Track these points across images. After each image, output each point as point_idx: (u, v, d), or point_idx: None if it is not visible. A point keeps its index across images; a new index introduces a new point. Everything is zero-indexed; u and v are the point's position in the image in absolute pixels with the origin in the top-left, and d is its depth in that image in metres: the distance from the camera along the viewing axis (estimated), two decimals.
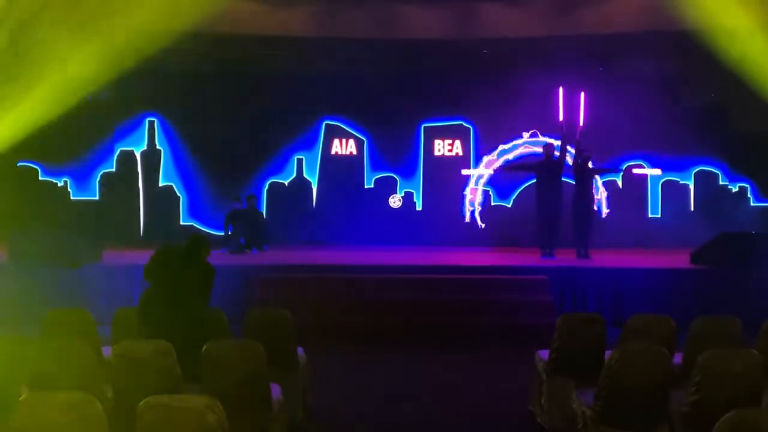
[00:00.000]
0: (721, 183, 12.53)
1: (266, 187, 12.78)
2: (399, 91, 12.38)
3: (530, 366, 5.64)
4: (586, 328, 4.95)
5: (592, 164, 10.25)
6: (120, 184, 12.64)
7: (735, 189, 12.50)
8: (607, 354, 4.78)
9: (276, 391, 4.33)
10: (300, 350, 5.46)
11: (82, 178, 12.65)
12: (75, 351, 3.97)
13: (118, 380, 3.91)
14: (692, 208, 12.48)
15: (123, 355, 3.88)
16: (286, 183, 12.87)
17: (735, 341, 4.87)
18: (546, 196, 10.05)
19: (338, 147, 12.82)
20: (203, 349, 3.98)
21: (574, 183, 10.17)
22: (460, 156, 12.73)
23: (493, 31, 12.47)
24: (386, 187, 12.74)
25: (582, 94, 10.85)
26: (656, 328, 4.97)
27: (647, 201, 12.61)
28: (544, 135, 11.93)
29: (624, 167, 12.22)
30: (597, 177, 10.66)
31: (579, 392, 4.42)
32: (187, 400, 2.81)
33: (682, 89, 12.60)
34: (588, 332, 4.94)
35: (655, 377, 3.92)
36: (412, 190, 12.79)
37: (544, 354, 5.27)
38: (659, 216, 12.54)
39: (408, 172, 12.81)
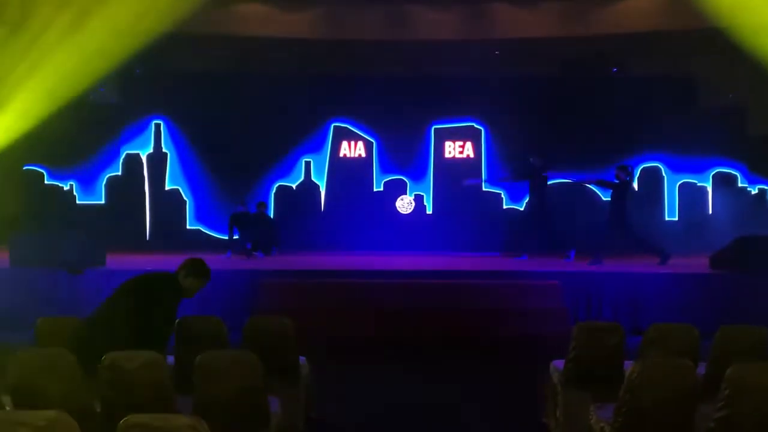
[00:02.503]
0: (740, 185, 12.20)
1: (274, 191, 12.59)
2: (409, 93, 12.16)
3: (543, 376, 5.39)
4: (603, 337, 4.68)
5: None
6: (126, 187, 12.49)
7: (754, 191, 12.18)
8: (627, 365, 4.54)
9: (274, 404, 4.09)
10: (303, 360, 5.24)
11: (88, 182, 12.52)
12: (62, 362, 3.75)
13: (105, 394, 3.69)
14: (710, 211, 12.16)
15: (111, 366, 3.66)
16: (293, 186, 12.67)
17: (763, 352, 4.58)
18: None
19: (347, 149, 12.62)
20: (196, 359, 3.75)
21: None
22: (472, 158, 12.48)
23: (504, 31, 12.26)
24: (396, 190, 12.52)
25: None
26: (678, 338, 4.69)
27: (664, 204, 12.29)
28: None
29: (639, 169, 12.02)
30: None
31: (597, 407, 4.15)
32: (170, 419, 2.59)
33: (700, 90, 12.28)
34: (606, 342, 4.67)
35: (680, 392, 3.65)
36: (422, 193, 12.56)
37: (559, 364, 5.01)
38: (676, 219, 12.23)
39: (418, 175, 12.57)
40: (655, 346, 4.63)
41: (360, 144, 12.58)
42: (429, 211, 12.51)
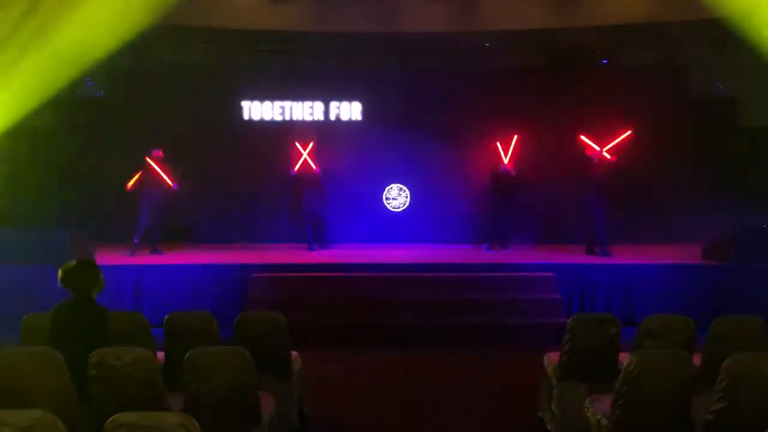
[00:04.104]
0: None
1: None
2: (399, 85, 12.04)
3: (537, 368, 5.35)
4: (599, 329, 4.65)
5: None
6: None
7: None
8: (623, 357, 4.51)
9: (266, 400, 4.03)
10: (295, 354, 5.17)
11: None
12: (48, 360, 3.66)
13: (94, 392, 3.61)
14: None
15: (99, 363, 3.58)
16: None
17: (758, 342, 4.55)
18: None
19: None
20: (185, 356, 3.68)
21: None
22: None
23: (494, 23, 12.19)
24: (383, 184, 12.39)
25: None
26: (674, 329, 4.65)
27: None
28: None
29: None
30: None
31: (593, 399, 4.11)
32: (159, 417, 2.52)
33: (691, 81, 12.23)
34: (601, 334, 4.63)
35: (678, 383, 3.62)
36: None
37: (554, 357, 4.97)
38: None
39: None
40: (651, 338, 4.59)
41: None
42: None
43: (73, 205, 11.19)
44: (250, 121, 12.03)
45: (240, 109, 11.99)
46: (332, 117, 11.97)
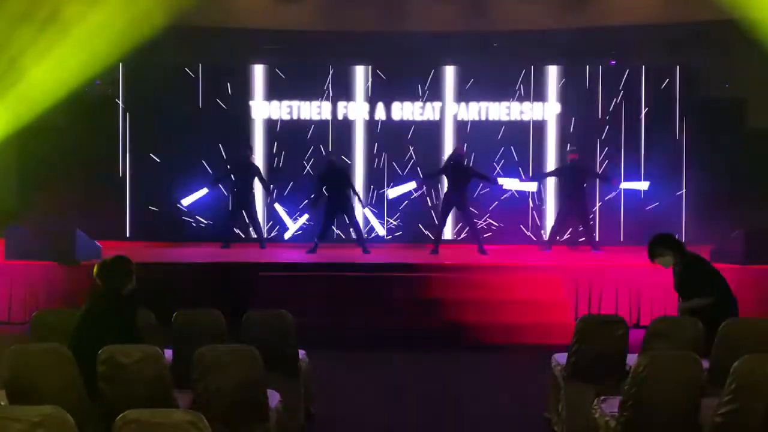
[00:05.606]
0: None
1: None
2: (401, 83, 12.04)
3: (544, 369, 5.35)
4: (607, 330, 4.65)
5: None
6: None
7: None
8: (630, 358, 4.51)
9: (274, 398, 4.04)
10: (302, 353, 5.18)
11: None
12: (57, 356, 3.68)
13: (103, 388, 3.63)
14: None
15: (108, 361, 3.60)
16: None
17: (766, 345, 4.53)
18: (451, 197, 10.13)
19: None
20: (194, 354, 3.69)
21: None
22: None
23: (502, 23, 12.18)
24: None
25: None
26: (682, 331, 4.65)
27: None
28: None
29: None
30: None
31: (601, 400, 4.11)
32: (169, 415, 2.54)
33: (699, 82, 12.20)
34: (609, 335, 4.63)
35: (686, 385, 3.61)
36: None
37: (561, 358, 4.96)
38: None
39: None
40: (659, 340, 4.59)
41: None
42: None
43: (81, 204, 11.24)
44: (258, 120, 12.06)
45: (248, 108, 12.03)
46: (340, 116, 12.00)
